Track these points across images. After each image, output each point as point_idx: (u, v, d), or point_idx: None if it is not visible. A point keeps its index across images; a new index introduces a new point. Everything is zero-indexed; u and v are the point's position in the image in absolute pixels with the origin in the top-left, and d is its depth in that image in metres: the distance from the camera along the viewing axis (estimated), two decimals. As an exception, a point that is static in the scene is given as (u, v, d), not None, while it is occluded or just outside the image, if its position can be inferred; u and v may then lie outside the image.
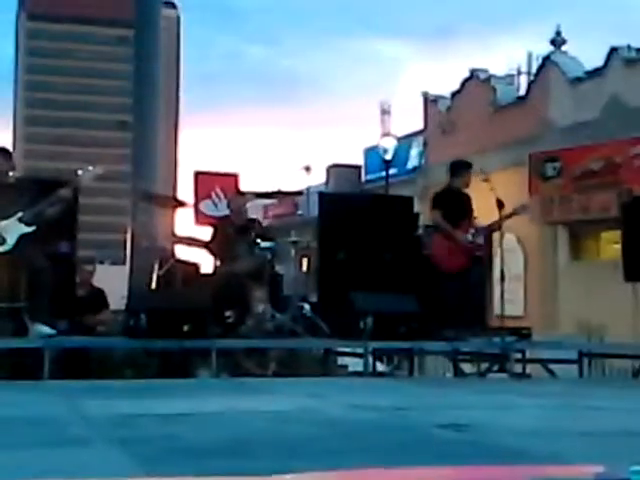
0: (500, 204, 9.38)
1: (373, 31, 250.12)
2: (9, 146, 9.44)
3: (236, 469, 3.33)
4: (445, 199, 9.83)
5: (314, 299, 10.57)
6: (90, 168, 8.65)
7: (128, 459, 3.60)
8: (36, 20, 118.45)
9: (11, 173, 8.64)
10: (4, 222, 8.15)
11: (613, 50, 20.17)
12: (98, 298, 10.45)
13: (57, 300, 8.40)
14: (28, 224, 8.19)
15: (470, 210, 9.76)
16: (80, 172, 8.60)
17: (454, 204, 9.69)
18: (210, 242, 9.75)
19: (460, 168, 9.97)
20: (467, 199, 9.82)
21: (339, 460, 3.57)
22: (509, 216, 9.57)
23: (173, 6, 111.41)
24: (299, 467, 2.89)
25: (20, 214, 8.19)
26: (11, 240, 8.14)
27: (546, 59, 22.50)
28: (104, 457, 3.72)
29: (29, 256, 8.19)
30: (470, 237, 9.58)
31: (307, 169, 11.02)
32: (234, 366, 9.07)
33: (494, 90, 24.10)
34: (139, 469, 3.38)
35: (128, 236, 12.46)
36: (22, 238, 8.16)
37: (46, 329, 8.12)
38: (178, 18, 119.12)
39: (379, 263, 10.19)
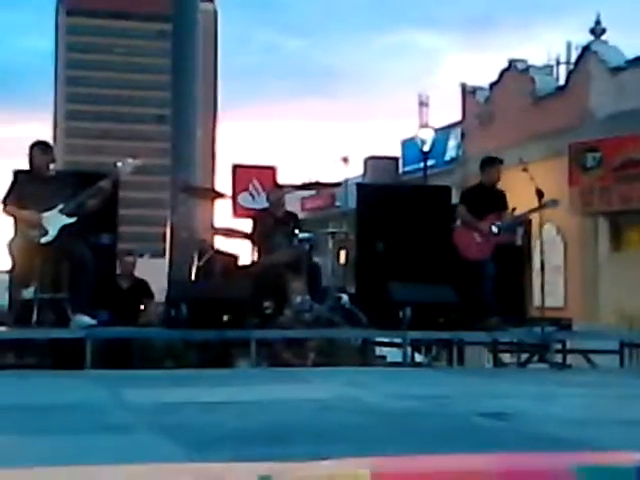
0: (540, 194, 9.35)
1: (411, 23, 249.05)
2: (50, 141, 9.55)
3: (276, 455, 3.35)
4: (471, 195, 10.03)
5: (352, 290, 10.58)
6: (129, 160, 8.72)
7: (170, 445, 3.64)
8: (75, 15, 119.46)
9: (52, 166, 8.75)
10: (46, 214, 8.25)
11: (654, 38, 19.94)
12: (142, 289, 10.56)
13: (98, 291, 8.49)
14: (69, 215, 8.28)
15: (498, 205, 9.79)
16: (119, 164, 8.68)
17: (479, 199, 9.82)
18: (251, 234, 9.82)
19: (485, 164, 10.14)
20: (496, 195, 9.89)
21: (379, 447, 3.58)
22: (537, 209, 9.55)
23: (211, 0, 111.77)
24: (339, 453, 2.90)
25: (61, 206, 8.28)
26: (53, 231, 8.24)
27: (586, 48, 22.29)
28: (147, 444, 3.76)
29: (71, 247, 8.29)
30: (494, 229, 9.62)
31: (345, 160, 11.05)
32: (273, 356, 9.10)
33: (533, 80, 23.92)
34: (181, 455, 3.41)
35: (167, 228, 12.51)
36: (64, 229, 8.25)
37: (87, 319, 8.22)
38: (215, 12, 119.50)
39: (417, 254, 10.17)
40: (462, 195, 10.24)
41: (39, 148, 8.64)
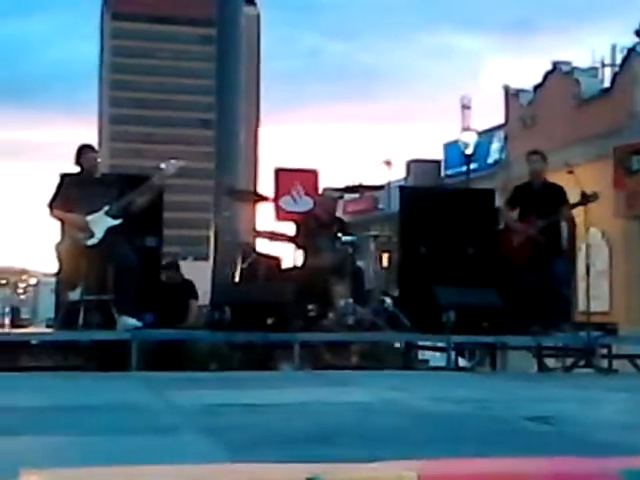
0: (585, 197, 9.27)
1: (453, 25, 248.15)
2: (95, 144, 9.67)
3: (321, 457, 3.35)
4: (515, 194, 9.94)
5: (395, 293, 10.56)
6: (173, 162, 8.80)
7: (216, 446, 3.66)
8: (120, 20, 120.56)
9: (98, 169, 8.85)
10: (91, 216, 8.34)
11: (701, 40, 19.68)
12: (187, 289, 10.67)
13: (144, 293, 8.56)
14: (115, 217, 8.36)
15: (549, 202, 9.60)
16: (163, 165, 8.76)
17: (525, 198, 9.72)
18: (294, 237, 9.85)
19: (527, 158, 10.00)
20: (547, 192, 9.68)
21: (424, 450, 3.57)
22: (578, 204, 9.44)
23: (253, 3, 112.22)
24: (384, 456, 2.90)
25: (107, 208, 8.37)
26: (99, 233, 8.32)
27: (631, 50, 22.05)
28: (192, 444, 3.79)
29: (117, 249, 8.37)
30: (531, 230, 9.50)
31: (388, 163, 11.05)
32: (316, 359, 9.11)
33: (577, 82, 23.71)
34: (227, 456, 3.43)
35: (211, 232, 12.60)
36: (109, 231, 8.34)
37: (133, 321, 8.29)
38: (258, 16, 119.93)
39: (461, 257, 10.13)
40: (508, 195, 10.17)
41: (86, 151, 8.75)
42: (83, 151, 8.74)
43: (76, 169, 8.72)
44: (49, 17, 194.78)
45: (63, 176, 8.90)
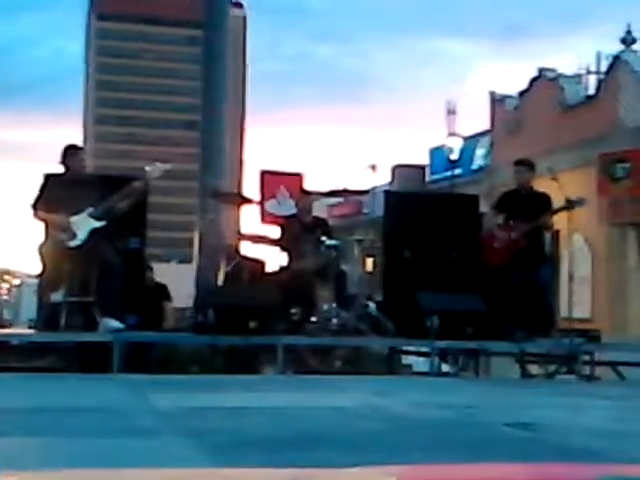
0: (569, 203, 9.31)
1: (440, 30, 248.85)
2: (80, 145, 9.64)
3: (303, 461, 3.35)
4: (503, 200, 9.96)
5: (379, 298, 10.55)
6: (158, 164, 8.76)
7: (197, 449, 3.65)
8: (106, 20, 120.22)
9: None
10: (75, 217, 8.30)
11: (686, 49, 19.79)
12: (160, 291, 10.64)
13: (126, 295, 8.52)
14: (98, 219, 8.33)
15: (535, 209, 9.63)
16: (148, 168, 8.73)
17: (513, 204, 9.76)
18: (279, 240, 9.84)
19: (515, 165, 10.06)
20: (533, 199, 9.72)
21: (405, 455, 3.57)
22: (563, 209, 9.47)
23: (240, 6, 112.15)
24: (365, 461, 2.89)
25: (90, 209, 8.33)
26: (82, 235, 8.28)
27: (616, 58, 22.14)
28: (173, 447, 3.78)
29: (100, 251, 8.33)
30: (512, 234, 9.55)
31: (373, 168, 10.99)
32: (299, 363, 9.10)
33: (562, 89, 23.78)
34: (207, 459, 3.42)
35: (195, 234, 12.57)
36: (93, 233, 8.29)
37: (115, 323, 8.25)
38: (245, 18, 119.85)
39: (445, 262, 10.14)
40: (496, 201, 10.17)
41: (72, 152, 8.71)
42: (69, 152, 8.70)
43: (61, 169, 8.68)
44: (34, 16, 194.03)
45: (47, 177, 8.84)
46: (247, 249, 10.43)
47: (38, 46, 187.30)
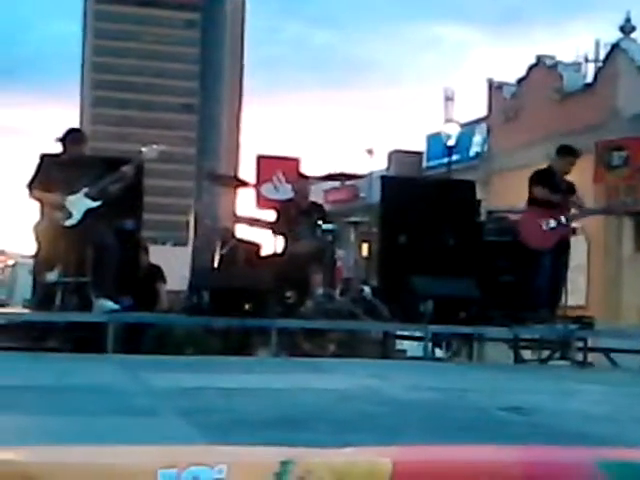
0: (570, 188, 9.35)
1: (438, 16, 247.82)
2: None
3: (296, 441, 3.35)
4: (543, 177, 9.69)
5: (374, 283, 10.57)
6: (154, 146, 8.76)
7: (191, 429, 3.66)
8: (103, 2, 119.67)
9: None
10: (71, 197, 8.29)
11: (685, 37, 19.78)
12: (154, 273, 10.63)
13: (121, 276, 8.52)
14: (94, 199, 8.32)
15: (567, 195, 9.57)
16: (144, 150, 8.72)
17: (551, 184, 9.56)
18: (274, 223, 9.83)
19: (563, 151, 9.86)
20: (567, 185, 9.66)
21: (398, 436, 3.58)
22: (612, 211, 9.53)
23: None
24: (357, 441, 2.90)
25: (86, 189, 8.32)
26: (78, 215, 8.28)
27: (615, 46, 22.14)
28: (168, 426, 3.79)
29: (95, 231, 8.32)
30: (563, 220, 9.48)
31: (370, 152, 11.00)
32: (293, 346, 9.12)
33: (561, 77, 23.80)
34: (201, 438, 3.43)
35: (191, 217, 12.56)
36: (88, 213, 8.29)
37: (110, 304, 8.25)
38: (243, 2, 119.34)
39: (440, 248, 10.14)
40: (536, 177, 9.78)
41: (75, 136, 8.72)
42: (73, 136, 8.69)
43: (57, 149, 8.66)
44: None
45: (43, 156, 8.83)
46: (243, 232, 10.43)
47: (34, 27, 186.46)
